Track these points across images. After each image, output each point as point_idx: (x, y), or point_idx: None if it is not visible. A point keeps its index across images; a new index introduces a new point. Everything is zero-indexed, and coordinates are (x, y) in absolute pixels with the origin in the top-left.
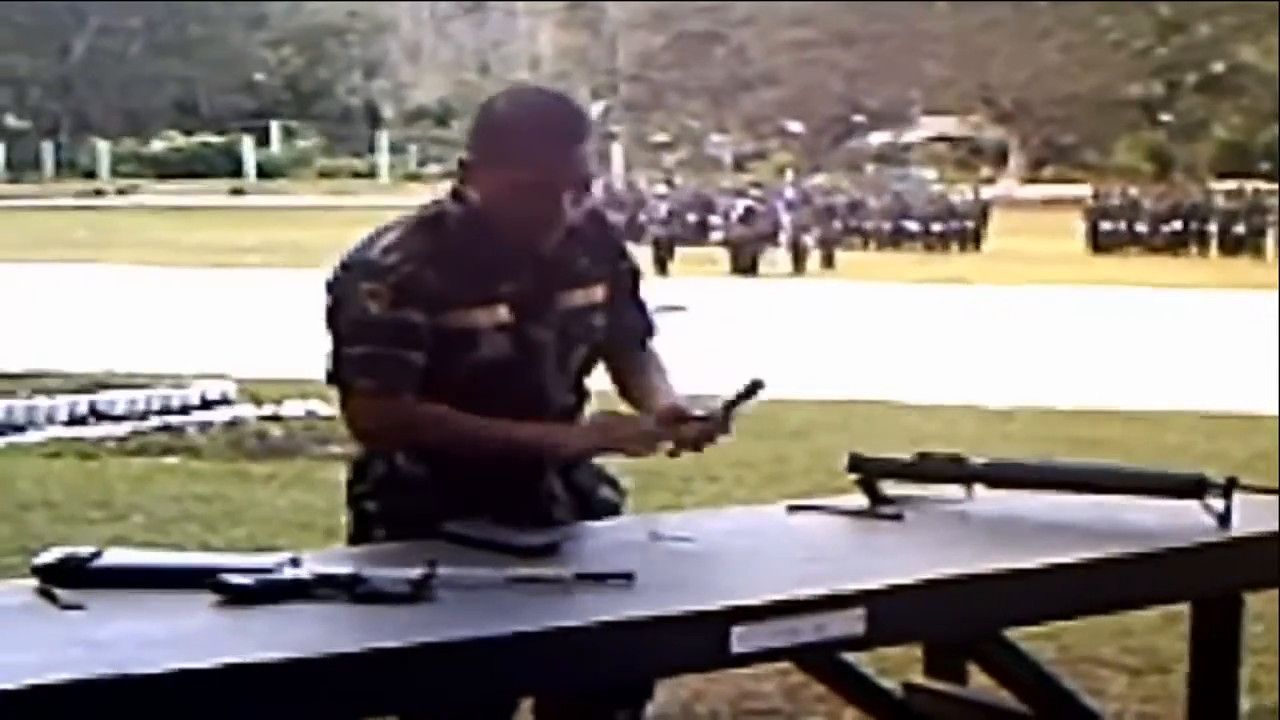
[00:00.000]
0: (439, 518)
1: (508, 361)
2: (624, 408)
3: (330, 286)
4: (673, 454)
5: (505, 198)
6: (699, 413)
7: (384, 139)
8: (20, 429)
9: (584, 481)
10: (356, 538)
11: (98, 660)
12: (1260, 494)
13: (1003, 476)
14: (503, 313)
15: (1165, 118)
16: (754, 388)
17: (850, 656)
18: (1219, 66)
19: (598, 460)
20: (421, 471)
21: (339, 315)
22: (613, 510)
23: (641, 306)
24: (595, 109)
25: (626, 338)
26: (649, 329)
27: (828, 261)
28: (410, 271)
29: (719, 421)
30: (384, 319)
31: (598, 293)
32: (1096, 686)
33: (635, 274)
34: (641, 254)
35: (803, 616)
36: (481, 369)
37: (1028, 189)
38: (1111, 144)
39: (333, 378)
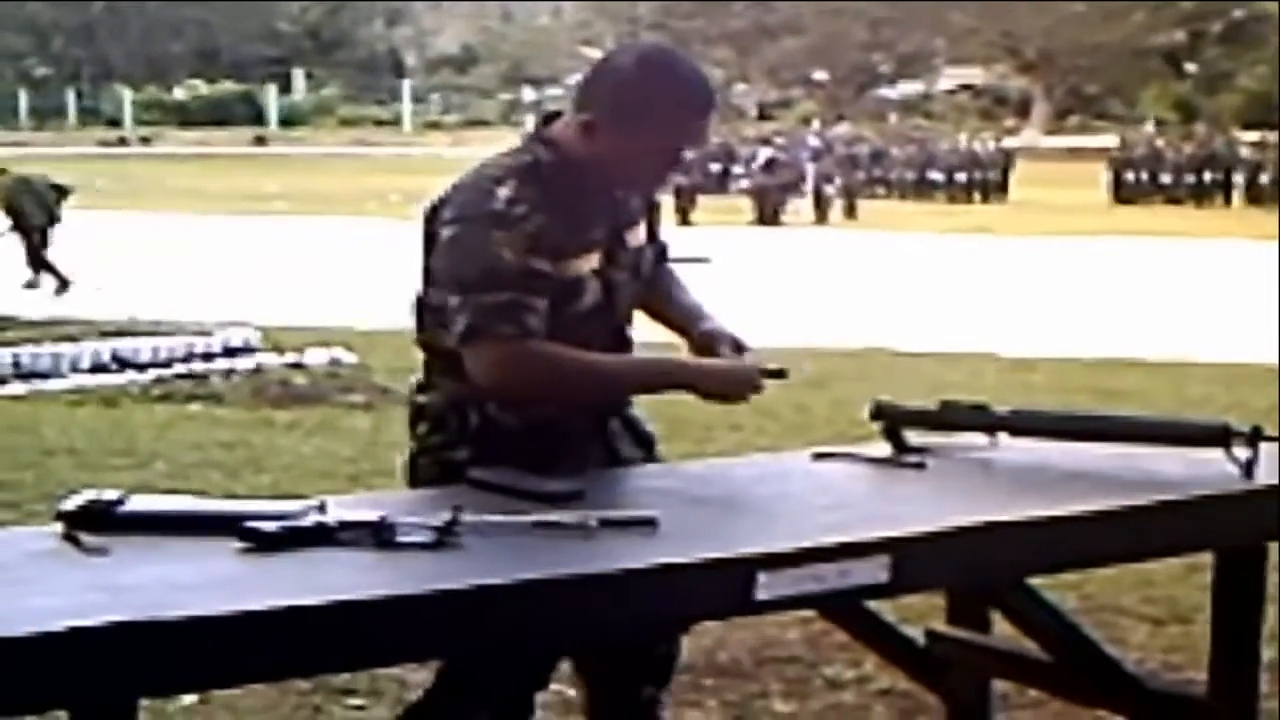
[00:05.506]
0: (526, 464)
1: (598, 306)
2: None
3: (450, 241)
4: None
5: (629, 158)
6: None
7: (406, 87)
8: (44, 376)
9: (631, 415)
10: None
11: (123, 605)
12: None
13: (1026, 425)
14: (595, 259)
15: (1190, 68)
16: (778, 374)
17: (873, 604)
18: (1240, 14)
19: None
20: (514, 421)
21: (473, 267)
22: (653, 441)
23: (657, 230)
24: None
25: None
26: (664, 250)
27: (850, 211)
28: (540, 222)
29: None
30: (518, 266)
31: (643, 229)
32: (1118, 636)
33: (655, 204)
34: (665, 203)
35: (827, 564)
36: (580, 315)
37: (1051, 139)
38: (1136, 94)
39: (471, 329)
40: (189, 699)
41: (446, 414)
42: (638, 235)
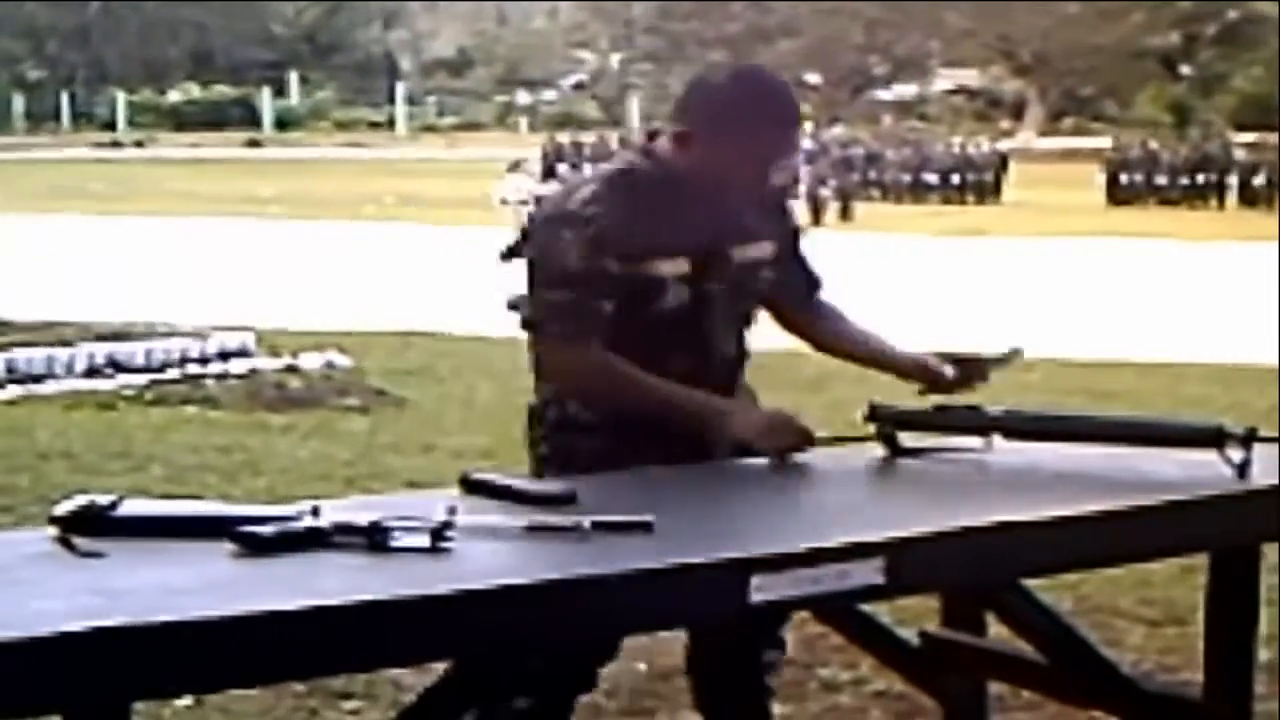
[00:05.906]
0: (607, 461)
1: (684, 311)
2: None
3: (530, 237)
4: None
5: (722, 167)
6: (948, 367)
7: (401, 90)
8: (39, 379)
9: None
10: None
11: (118, 608)
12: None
13: (1021, 427)
14: (684, 265)
15: (1185, 70)
16: (1013, 355)
17: (867, 607)
18: (1235, 16)
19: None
20: (593, 416)
21: (541, 263)
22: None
23: (805, 261)
24: (613, 60)
25: (796, 292)
26: (818, 282)
27: (845, 213)
28: (608, 223)
29: (980, 372)
30: (582, 267)
31: (766, 248)
32: (1114, 637)
33: (798, 232)
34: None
35: (821, 566)
36: (662, 317)
37: (1046, 141)
38: (1131, 96)
39: (528, 322)
40: (184, 702)
41: (541, 409)
42: (752, 251)
